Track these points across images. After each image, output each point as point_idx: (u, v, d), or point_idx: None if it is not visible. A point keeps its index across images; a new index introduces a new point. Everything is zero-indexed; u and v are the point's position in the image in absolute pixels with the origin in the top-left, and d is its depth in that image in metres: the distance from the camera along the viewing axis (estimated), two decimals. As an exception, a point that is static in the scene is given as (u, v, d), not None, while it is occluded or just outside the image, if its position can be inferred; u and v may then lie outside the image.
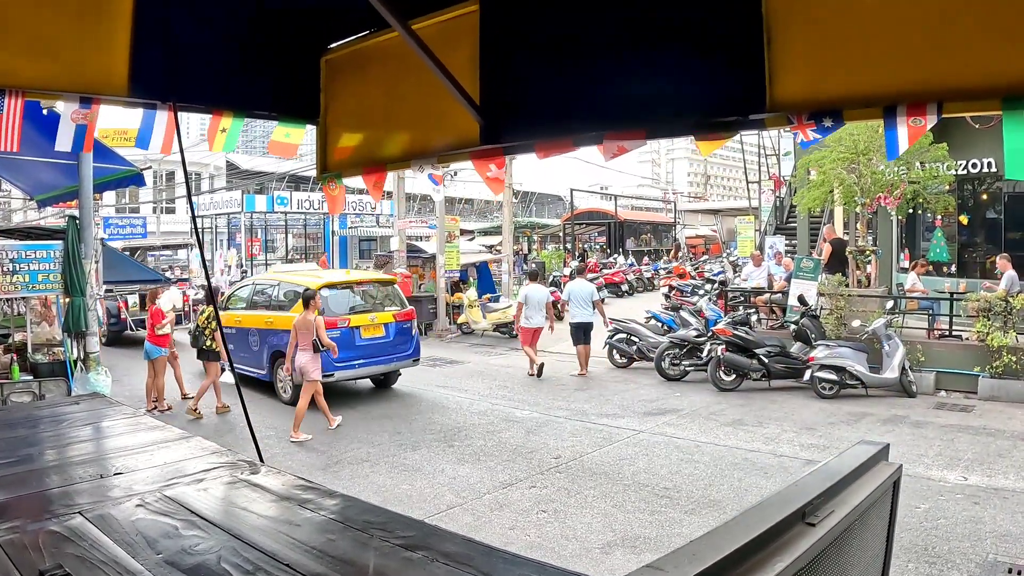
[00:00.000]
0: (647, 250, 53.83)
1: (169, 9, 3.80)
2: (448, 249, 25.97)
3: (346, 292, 15.72)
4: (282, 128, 5.08)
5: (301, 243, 51.74)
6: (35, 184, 14.65)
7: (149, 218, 45.04)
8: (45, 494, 3.49)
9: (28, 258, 11.55)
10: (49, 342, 12.46)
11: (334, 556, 2.76)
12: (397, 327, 15.70)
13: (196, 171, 54.03)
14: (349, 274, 18.73)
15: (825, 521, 2.02)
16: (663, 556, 1.73)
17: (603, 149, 3.48)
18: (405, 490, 9.56)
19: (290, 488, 3.65)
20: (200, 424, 12.99)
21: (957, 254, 21.85)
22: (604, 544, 7.78)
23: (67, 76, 3.59)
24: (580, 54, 3.50)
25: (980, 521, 8.11)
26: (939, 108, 2.55)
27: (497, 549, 2.91)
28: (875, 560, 2.53)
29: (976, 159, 20.17)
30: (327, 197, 5.19)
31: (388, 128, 4.58)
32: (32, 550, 2.75)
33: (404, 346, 15.88)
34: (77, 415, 5.31)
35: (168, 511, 3.20)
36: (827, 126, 2.85)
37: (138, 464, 3.99)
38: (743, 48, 2.94)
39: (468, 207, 62.77)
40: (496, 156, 4.11)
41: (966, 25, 2.48)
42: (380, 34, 4.30)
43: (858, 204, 18.36)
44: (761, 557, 1.79)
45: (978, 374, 14.23)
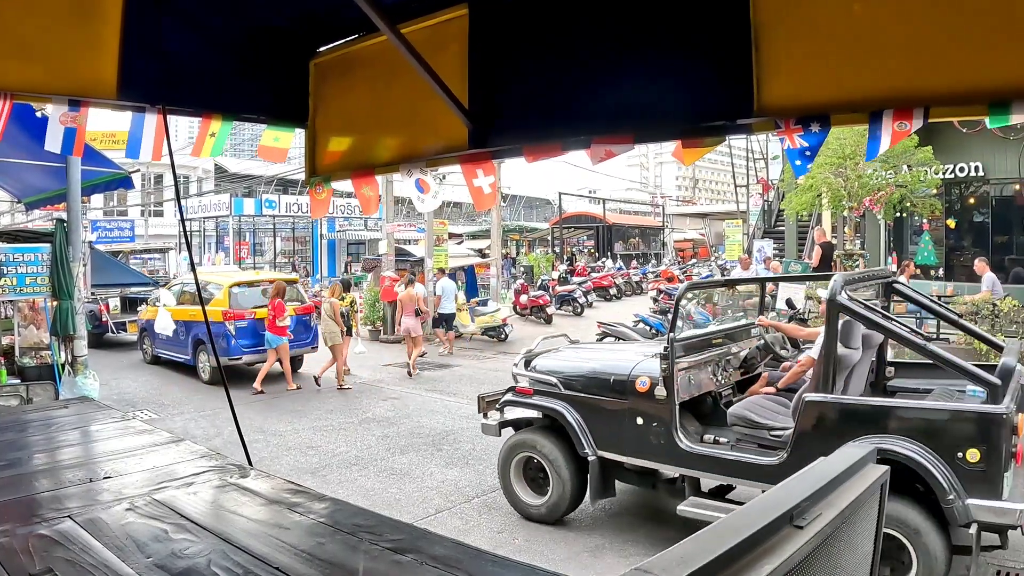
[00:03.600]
0: (635, 254, 53.91)
1: (158, 13, 3.80)
2: (436, 252, 25.97)
3: (255, 289, 18.30)
4: (271, 132, 5.08)
5: (289, 246, 51.66)
6: (23, 187, 14.59)
7: (137, 221, 44.95)
8: (34, 498, 3.49)
9: (16, 261, 11.51)
10: (37, 345, 12.39)
11: (323, 559, 2.76)
12: (297, 319, 17.79)
13: (184, 174, 53.88)
14: (258, 274, 22.72)
15: (813, 524, 2.02)
16: (651, 559, 1.73)
17: (591, 153, 3.49)
18: (394, 494, 9.55)
19: (279, 492, 3.65)
20: (187, 428, 12.95)
21: (945, 257, 21.93)
22: (593, 547, 7.79)
23: (56, 79, 3.58)
24: (569, 58, 3.51)
25: (967, 524, 8.13)
26: (925, 113, 2.57)
27: (486, 552, 2.92)
28: (863, 562, 2.54)
29: (963, 163, 20.27)
30: (312, 201, 5.18)
31: (377, 132, 4.58)
32: (22, 554, 2.74)
33: (304, 335, 18.34)
34: (66, 419, 5.30)
35: (158, 515, 3.20)
36: (814, 131, 2.87)
37: (127, 468, 3.98)
38: (731, 53, 2.95)
39: (456, 211, 62.73)
40: (485, 160, 4.12)
41: (952, 31, 2.50)
42: (369, 38, 4.31)
43: (845, 208, 18.44)
44: (749, 560, 1.80)
45: (965, 377, 14.27)
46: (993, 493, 5.94)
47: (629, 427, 7.81)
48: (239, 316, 17.28)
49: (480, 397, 9.65)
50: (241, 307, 17.47)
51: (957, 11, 2.49)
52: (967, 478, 6.01)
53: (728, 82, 3.00)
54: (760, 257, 24.15)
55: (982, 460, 5.96)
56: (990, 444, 5.96)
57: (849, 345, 7.31)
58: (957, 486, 6.00)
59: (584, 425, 8.10)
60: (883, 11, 2.64)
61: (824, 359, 7.00)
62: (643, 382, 7.72)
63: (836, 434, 6.53)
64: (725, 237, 37.79)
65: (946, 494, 5.98)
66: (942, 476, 6.03)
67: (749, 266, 21.88)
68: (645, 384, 7.70)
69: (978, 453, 5.98)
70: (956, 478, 6.03)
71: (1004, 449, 5.92)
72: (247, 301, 17.76)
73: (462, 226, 56.40)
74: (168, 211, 53.88)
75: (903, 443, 6.25)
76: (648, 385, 7.67)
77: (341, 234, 51.54)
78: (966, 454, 6.01)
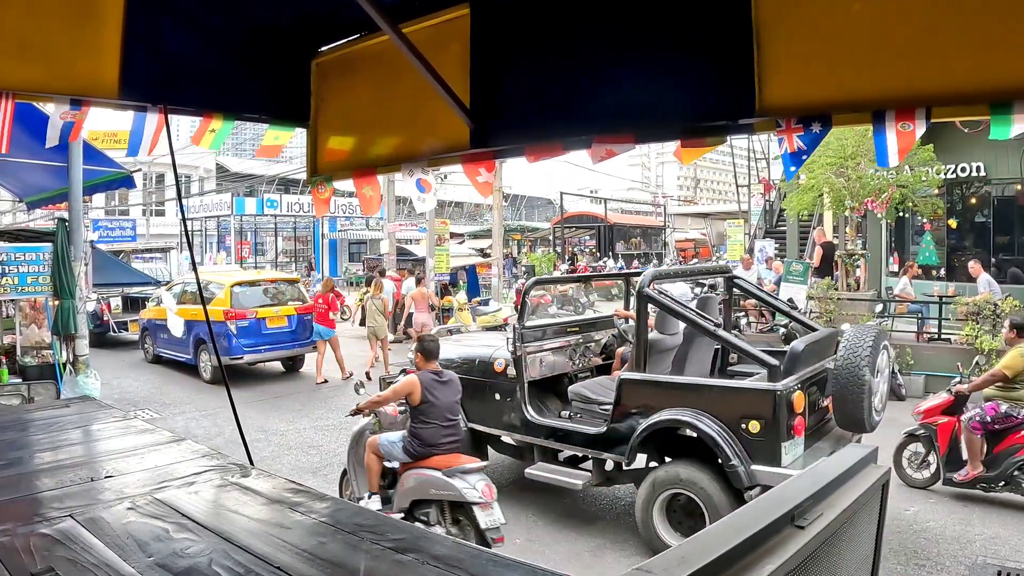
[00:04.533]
0: (637, 253, 53.86)
1: (159, 13, 3.79)
2: (438, 252, 25.97)
3: (256, 289, 18.37)
4: (272, 132, 5.08)
5: (291, 246, 51.63)
6: (24, 186, 14.61)
7: (139, 220, 44.94)
8: (36, 497, 3.49)
9: (17, 260, 11.52)
10: (38, 345, 12.40)
11: (325, 559, 2.76)
12: (298, 319, 18.17)
13: (186, 173, 53.90)
14: (260, 274, 22.55)
15: (814, 524, 2.03)
16: (652, 559, 1.74)
17: (592, 153, 3.49)
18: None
19: (281, 491, 3.65)
20: (188, 427, 12.94)
21: (946, 258, 21.90)
22: (594, 547, 7.80)
23: (57, 79, 3.58)
24: (570, 58, 3.51)
25: (969, 523, 8.15)
26: (927, 113, 2.57)
27: (486, 552, 2.93)
28: (864, 563, 2.54)
29: (965, 163, 20.24)
30: (315, 200, 5.19)
31: (378, 131, 4.58)
32: (23, 553, 2.74)
33: (305, 335, 18.23)
34: (67, 418, 5.30)
35: (159, 514, 3.20)
36: (815, 131, 2.87)
37: (129, 467, 3.98)
38: (732, 53, 2.95)
39: (458, 210, 62.76)
40: (486, 159, 4.12)
41: (954, 31, 2.49)
42: (371, 37, 4.30)
43: (847, 208, 18.41)
44: (750, 560, 1.80)
45: (967, 377, 14.28)
46: (773, 460, 6.91)
47: (490, 402, 9.11)
48: (240, 316, 17.26)
49: (381, 378, 11.55)
50: (243, 307, 17.47)
51: (959, 11, 2.49)
52: (751, 447, 7.03)
53: (729, 81, 3.00)
54: (762, 257, 24.10)
55: (762, 431, 6.99)
56: (768, 417, 6.98)
57: (665, 332, 8.80)
58: (741, 453, 7.02)
59: None
60: (885, 10, 2.64)
61: (637, 343, 8.08)
62: (500, 363, 9.00)
63: (645, 407, 7.75)
64: (727, 237, 37.70)
65: (729, 460, 7.02)
66: (726, 444, 7.08)
67: (751, 266, 21.84)
68: (501, 365, 8.98)
69: (758, 425, 7.01)
70: (741, 446, 7.06)
71: (781, 422, 6.91)
72: (249, 301, 17.77)
73: (463, 226, 56.40)
74: (170, 210, 53.89)
75: (696, 415, 7.32)
76: (503, 365, 8.96)
77: (342, 234, 51.53)
78: (748, 425, 7.05)
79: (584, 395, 8.75)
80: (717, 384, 7.81)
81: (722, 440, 7.08)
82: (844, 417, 7.40)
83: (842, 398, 7.26)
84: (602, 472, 8.40)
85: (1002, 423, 8.70)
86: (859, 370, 7.13)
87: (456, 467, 7.13)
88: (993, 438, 8.81)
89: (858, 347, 7.22)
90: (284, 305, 18.26)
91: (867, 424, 7.29)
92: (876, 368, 7.32)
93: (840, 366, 7.26)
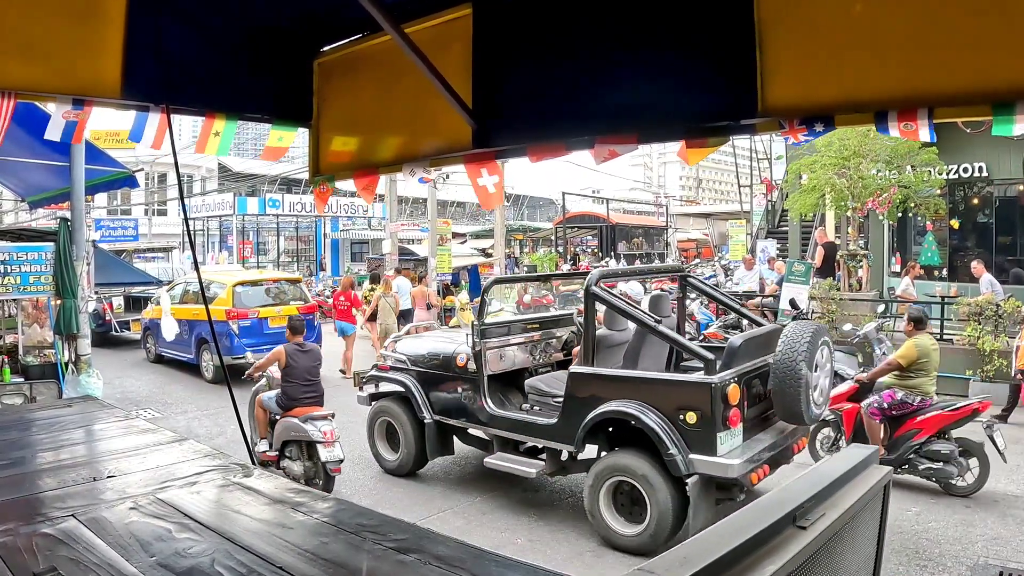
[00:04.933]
0: (639, 254, 53.80)
1: (162, 13, 3.80)
2: (440, 252, 25.96)
3: (258, 288, 18.37)
4: (277, 132, 5.08)
5: (293, 246, 51.58)
6: (27, 186, 14.62)
7: (141, 220, 44.92)
8: (38, 497, 3.49)
9: (19, 260, 11.51)
10: (40, 344, 12.40)
11: (327, 559, 2.77)
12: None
13: (188, 173, 53.88)
14: (262, 273, 22.60)
15: (816, 524, 2.03)
16: (654, 559, 1.74)
17: (595, 153, 3.49)
18: (396, 492, 9.56)
19: (283, 491, 3.65)
20: (191, 427, 12.94)
21: (948, 258, 21.87)
22: (596, 547, 7.79)
23: (60, 78, 3.58)
24: (572, 58, 3.51)
25: (971, 524, 8.14)
26: (930, 113, 2.57)
27: (489, 552, 2.92)
28: (866, 563, 2.54)
29: (967, 163, 20.23)
30: (317, 197, 5.20)
31: (380, 131, 4.58)
32: (26, 553, 2.75)
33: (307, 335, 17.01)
34: (69, 418, 5.30)
35: (161, 514, 3.20)
36: (818, 131, 2.87)
37: (131, 467, 3.99)
38: (735, 53, 2.95)
39: (460, 210, 62.72)
40: (488, 159, 4.11)
41: (956, 31, 2.49)
42: (373, 37, 4.30)
43: (849, 208, 18.39)
44: (752, 560, 1.80)
45: (969, 377, 14.24)
46: (710, 450, 7.20)
47: (453, 395, 9.57)
48: (242, 315, 17.28)
49: (356, 373, 12.09)
50: (244, 306, 17.49)
51: (962, 11, 2.48)
52: (688, 436, 7.33)
53: (732, 82, 3.00)
54: (764, 257, 24.10)
55: (699, 422, 7.28)
56: (704, 409, 7.26)
57: (614, 328, 9.32)
58: (679, 443, 7.33)
59: (424, 394, 9.87)
60: (887, 11, 2.64)
61: (585, 338, 8.45)
62: (462, 358, 9.43)
63: (592, 398, 8.09)
64: (729, 237, 37.76)
65: (667, 449, 7.32)
66: (665, 434, 7.38)
67: (753, 266, 21.83)
68: (463, 360, 9.41)
69: (695, 416, 7.30)
70: (679, 436, 7.36)
71: (716, 413, 7.20)
72: (250, 300, 17.79)
73: (465, 225, 56.33)
74: (172, 210, 53.88)
75: (638, 406, 7.64)
76: (465, 360, 9.38)
77: (344, 233, 51.45)
78: (686, 417, 7.34)
79: (540, 388, 9.25)
80: (658, 377, 8.08)
81: (661, 430, 7.40)
82: (783, 410, 7.71)
83: (780, 392, 7.53)
84: (557, 462, 8.71)
85: (898, 409, 9.32)
86: (796, 365, 7.41)
87: (310, 415, 9.04)
88: (893, 423, 9.44)
89: (796, 343, 7.51)
90: (286, 305, 18.09)
91: (805, 417, 7.60)
92: (814, 363, 7.60)
93: (778, 361, 7.54)
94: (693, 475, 7.27)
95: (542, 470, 8.70)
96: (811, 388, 7.54)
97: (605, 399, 7.96)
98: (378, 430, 10.58)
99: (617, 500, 7.92)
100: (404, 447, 10.11)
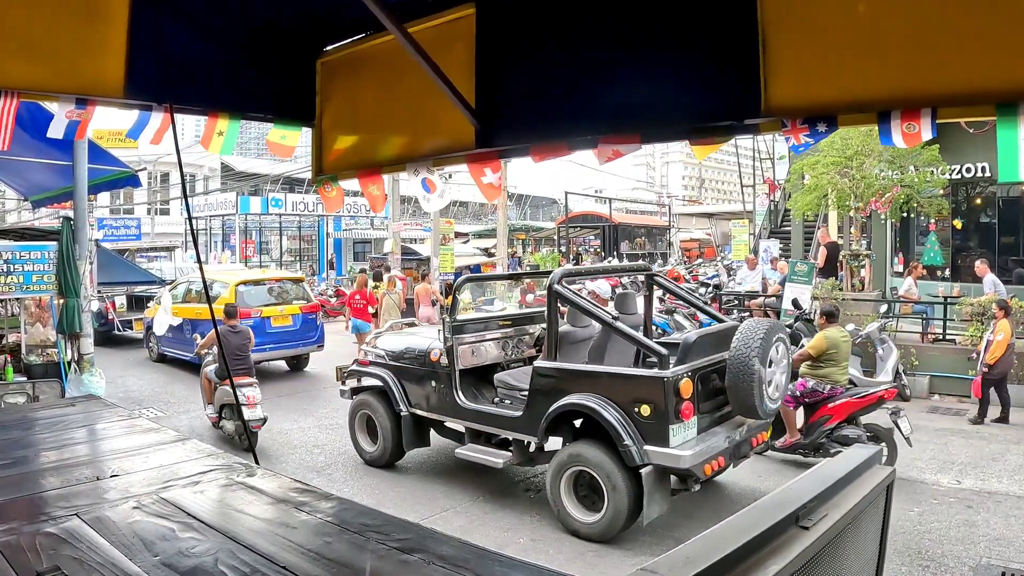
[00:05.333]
0: (641, 253, 53.75)
1: (165, 12, 3.80)
2: (443, 252, 25.96)
3: (260, 288, 18.42)
4: (278, 130, 5.08)
5: (296, 245, 51.59)
6: (30, 185, 14.61)
7: (143, 219, 44.96)
8: (41, 496, 3.49)
9: (22, 259, 11.52)
10: (43, 343, 12.41)
11: (331, 558, 2.77)
12: (303, 318, 18.19)
13: (191, 172, 53.90)
14: (264, 272, 22.55)
15: (819, 524, 2.03)
16: (657, 559, 1.74)
17: (598, 153, 3.49)
18: (399, 492, 9.56)
19: (286, 491, 3.66)
20: (193, 426, 12.95)
21: (951, 258, 21.84)
22: (599, 547, 7.79)
23: (63, 78, 3.59)
24: (576, 58, 3.51)
25: (974, 525, 8.13)
26: (933, 114, 2.56)
27: (492, 552, 2.92)
28: (868, 563, 2.54)
29: (970, 163, 20.17)
30: (324, 198, 5.20)
31: (383, 130, 4.59)
32: (29, 552, 2.75)
33: (310, 334, 18.37)
34: (72, 417, 5.31)
35: (165, 513, 3.21)
36: (821, 131, 2.87)
37: (134, 466, 3.99)
38: (738, 53, 2.95)
39: (463, 210, 62.71)
40: (491, 159, 4.11)
41: (960, 32, 2.49)
42: (376, 37, 4.31)
43: (851, 208, 18.37)
44: (755, 560, 1.80)
45: (971, 377, 14.23)
46: (663, 441, 7.48)
47: (427, 389, 9.93)
48: (245, 315, 16.76)
49: (337, 368, 12.63)
50: (247, 306, 17.31)
51: (965, 11, 2.48)
52: (643, 428, 7.61)
53: (735, 82, 3.00)
54: (767, 257, 24.07)
55: (652, 415, 7.56)
56: (657, 402, 7.54)
57: (576, 324, 9.62)
58: (634, 434, 7.62)
59: (400, 388, 10.25)
60: (890, 11, 2.64)
61: (548, 334, 8.77)
62: (435, 353, 9.80)
63: (554, 391, 8.42)
64: (731, 237, 37.71)
65: (622, 440, 7.61)
66: (620, 426, 7.68)
67: (755, 266, 21.81)
68: (436, 354, 9.78)
69: (649, 408, 7.59)
70: (634, 428, 7.65)
71: (669, 406, 7.46)
72: (253, 299, 17.73)
73: (468, 225, 56.31)
74: (175, 209, 53.90)
75: (597, 400, 7.95)
76: (438, 355, 9.75)
77: (347, 233, 51.46)
78: (640, 409, 7.63)
79: (508, 382, 9.57)
80: (615, 371, 8.25)
81: (617, 423, 7.70)
82: (738, 404, 8.00)
83: (735, 386, 7.81)
84: (524, 453, 9.10)
85: (810, 397, 9.93)
86: (749, 360, 7.68)
87: (239, 383, 10.34)
88: (809, 410, 10.04)
89: (749, 339, 7.80)
90: (289, 304, 18.18)
91: (760, 411, 7.85)
92: (768, 359, 7.85)
93: (732, 357, 7.81)
94: (647, 465, 7.54)
95: (509, 460, 9.03)
96: (764, 383, 7.80)
97: (566, 392, 8.28)
98: (358, 423, 10.97)
99: (578, 489, 8.24)
100: (382, 439, 10.48)
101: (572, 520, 8.10)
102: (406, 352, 10.38)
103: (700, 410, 7.88)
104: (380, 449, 10.54)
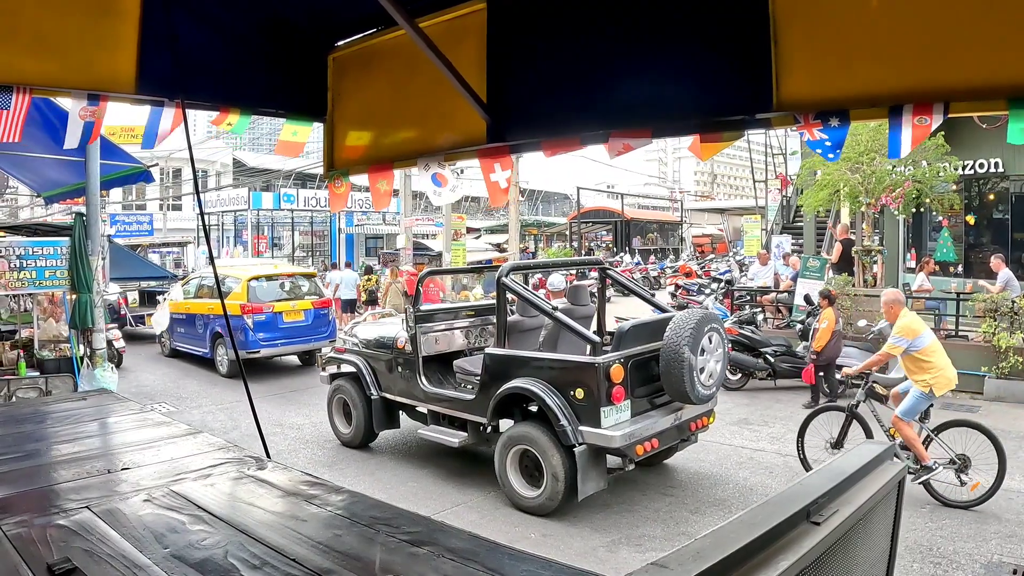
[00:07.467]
0: (653, 249, 53.72)
1: (177, 8, 3.81)
2: (454, 247, 25.98)
3: (272, 283, 18.42)
4: (290, 127, 5.09)
5: (308, 240, 51.68)
6: (42, 181, 14.64)
7: (155, 215, 45.09)
8: (53, 489, 3.50)
9: (35, 254, 11.55)
10: (56, 338, 12.46)
11: (340, 551, 2.77)
12: (315, 313, 18.37)
13: (203, 168, 54.02)
14: (276, 267, 21.81)
15: (830, 520, 2.02)
16: (668, 554, 1.73)
17: (609, 147, 3.48)
18: (411, 487, 9.58)
19: (296, 484, 3.66)
20: (205, 420, 12.99)
21: (964, 254, 21.77)
22: (609, 542, 7.79)
23: (75, 74, 3.60)
24: (587, 53, 3.51)
25: (985, 522, 8.10)
26: (945, 108, 2.55)
27: (502, 545, 2.92)
28: (880, 560, 2.53)
29: (983, 159, 20.11)
30: (331, 194, 5.20)
31: (395, 126, 4.59)
32: (40, 544, 2.76)
33: (322, 329, 18.48)
34: (84, 411, 5.32)
35: (175, 506, 3.21)
36: (833, 126, 2.85)
37: (145, 459, 4.00)
38: (750, 48, 2.94)
39: (474, 205, 62.71)
40: (503, 154, 4.11)
41: (972, 26, 2.48)
42: (387, 32, 4.31)
43: (863, 204, 18.32)
44: (765, 555, 1.79)
45: (984, 374, 14.18)
46: (595, 422, 8.10)
47: (395, 374, 10.72)
48: (257, 310, 17.31)
49: (318, 355, 13.85)
50: (259, 301, 17.54)
51: (976, 5, 2.47)
52: (578, 410, 8.25)
53: (747, 76, 2.99)
54: (779, 253, 24.00)
55: (585, 398, 8.19)
56: (589, 386, 8.16)
57: (525, 315, 10.38)
58: (570, 416, 8.24)
59: (372, 373, 11.06)
60: (902, 6, 2.63)
61: (498, 323, 9.40)
62: (400, 341, 10.60)
63: (502, 375, 9.03)
64: (743, 232, 37.65)
65: (559, 421, 8.22)
66: (557, 408, 8.29)
67: (767, 262, 21.76)
68: (401, 342, 10.58)
69: (582, 392, 8.22)
70: (570, 410, 8.28)
71: (600, 390, 8.06)
72: (265, 295, 17.85)
73: (480, 220, 56.41)
74: (187, 205, 54.01)
75: (536, 383, 8.57)
76: (403, 343, 10.54)
77: (359, 228, 51.56)
78: (575, 393, 8.26)
79: (465, 368, 10.28)
80: (554, 358, 8.82)
81: (555, 405, 8.31)
82: (671, 390, 8.50)
83: (667, 373, 8.35)
84: (478, 433, 9.72)
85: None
86: (680, 349, 8.22)
87: None
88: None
89: (681, 329, 8.33)
90: (301, 299, 18.33)
91: (692, 396, 8.37)
92: (699, 348, 8.37)
93: (664, 346, 8.36)
94: (582, 445, 8.14)
95: (464, 440, 9.75)
96: (696, 370, 8.31)
97: (513, 377, 8.87)
98: (335, 406, 11.74)
99: (523, 467, 8.85)
100: (355, 421, 11.25)
101: (516, 495, 8.76)
102: (377, 340, 11.14)
103: (635, 394, 8.48)
104: (353, 431, 11.29)
